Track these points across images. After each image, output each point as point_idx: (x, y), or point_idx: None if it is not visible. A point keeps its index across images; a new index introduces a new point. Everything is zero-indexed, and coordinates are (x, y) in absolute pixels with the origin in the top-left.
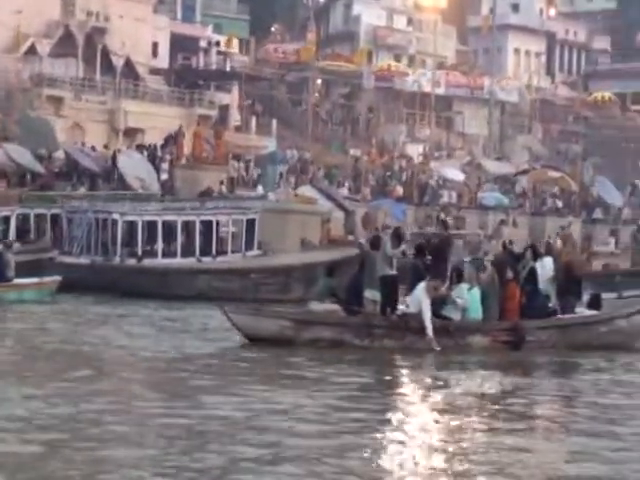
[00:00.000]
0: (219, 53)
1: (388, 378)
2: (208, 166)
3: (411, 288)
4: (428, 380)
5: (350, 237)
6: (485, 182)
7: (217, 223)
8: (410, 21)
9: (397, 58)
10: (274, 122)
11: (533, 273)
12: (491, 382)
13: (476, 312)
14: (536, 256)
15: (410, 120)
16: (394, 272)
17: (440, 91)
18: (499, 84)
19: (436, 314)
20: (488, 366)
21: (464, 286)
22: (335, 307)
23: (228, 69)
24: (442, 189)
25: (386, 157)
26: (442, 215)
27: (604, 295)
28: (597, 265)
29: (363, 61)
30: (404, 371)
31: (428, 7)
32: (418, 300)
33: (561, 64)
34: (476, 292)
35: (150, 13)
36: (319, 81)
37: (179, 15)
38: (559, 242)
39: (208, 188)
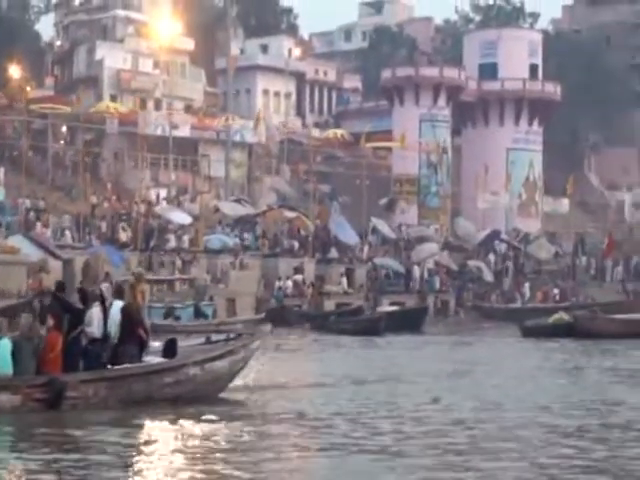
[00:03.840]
0: None
1: None
2: None
3: None
4: None
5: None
6: (218, 225)
7: None
8: (157, 64)
9: (143, 102)
10: (2, 171)
11: (78, 319)
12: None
13: (5, 366)
14: (85, 300)
15: (155, 164)
16: None
17: (185, 134)
18: (244, 126)
19: None
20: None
21: None
22: None
23: None
24: (169, 233)
25: (126, 203)
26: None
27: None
28: (330, 305)
29: (80, 104)
30: None
31: (175, 49)
32: None
33: (312, 104)
34: (6, 343)
35: None
36: (64, 128)
37: None
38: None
39: None
